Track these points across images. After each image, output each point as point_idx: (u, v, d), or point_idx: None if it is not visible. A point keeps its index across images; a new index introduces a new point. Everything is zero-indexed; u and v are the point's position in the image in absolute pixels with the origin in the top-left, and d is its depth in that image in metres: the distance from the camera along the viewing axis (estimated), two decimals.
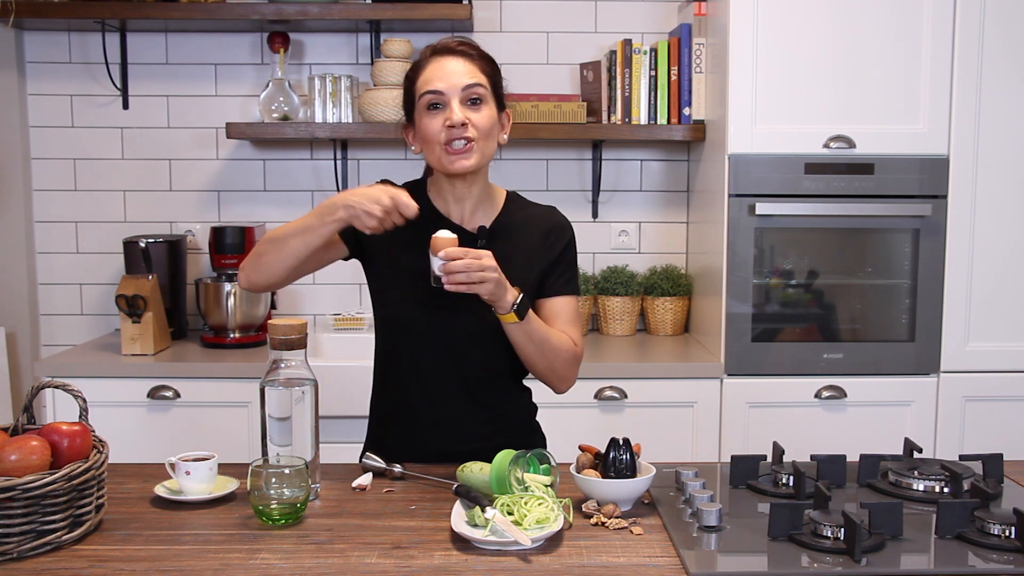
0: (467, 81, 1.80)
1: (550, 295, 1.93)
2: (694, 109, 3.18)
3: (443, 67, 1.81)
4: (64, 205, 3.41)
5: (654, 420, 2.88)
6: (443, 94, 1.80)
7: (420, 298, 1.83)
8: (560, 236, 1.95)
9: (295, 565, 1.40)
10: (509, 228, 1.92)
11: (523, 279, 1.86)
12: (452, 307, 1.82)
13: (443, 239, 1.71)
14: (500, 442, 1.78)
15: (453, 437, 1.90)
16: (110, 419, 2.70)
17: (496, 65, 1.90)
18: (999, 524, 1.49)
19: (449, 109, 1.79)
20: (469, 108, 1.81)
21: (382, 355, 1.97)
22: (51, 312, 3.45)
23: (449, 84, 1.80)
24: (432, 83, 1.80)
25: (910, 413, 2.94)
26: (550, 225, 1.95)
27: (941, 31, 2.85)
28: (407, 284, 1.85)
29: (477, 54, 1.86)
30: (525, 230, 1.93)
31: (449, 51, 1.84)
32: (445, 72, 1.81)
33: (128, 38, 3.34)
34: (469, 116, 1.80)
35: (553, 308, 1.93)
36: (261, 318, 3.19)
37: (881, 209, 2.90)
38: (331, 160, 3.40)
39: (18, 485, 1.39)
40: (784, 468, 1.77)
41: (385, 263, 1.90)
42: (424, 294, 1.81)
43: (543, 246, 1.93)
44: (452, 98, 1.80)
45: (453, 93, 1.80)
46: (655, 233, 3.48)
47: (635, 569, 1.40)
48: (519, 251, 1.90)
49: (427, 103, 1.81)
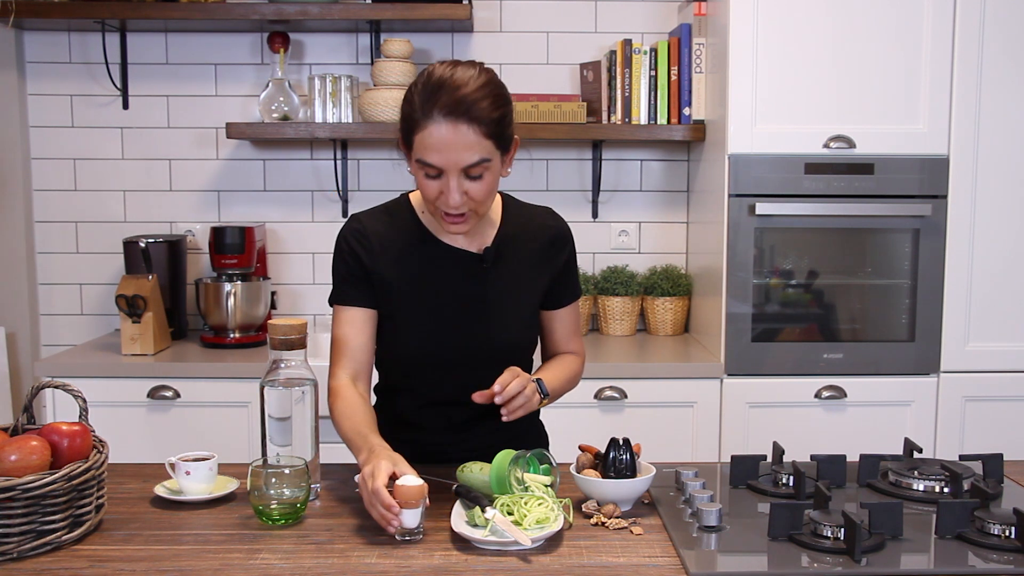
0: (468, 161, 1.64)
1: (557, 308, 1.92)
2: (694, 109, 3.18)
3: (444, 139, 1.62)
4: (64, 205, 3.41)
5: (654, 420, 2.88)
6: (439, 169, 1.65)
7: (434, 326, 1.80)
8: (563, 244, 1.91)
9: (295, 565, 1.41)
10: (510, 242, 1.85)
11: (530, 292, 1.85)
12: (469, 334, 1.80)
13: (409, 488, 1.47)
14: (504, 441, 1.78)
15: (459, 445, 1.87)
16: (110, 419, 2.70)
17: (505, 108, 1.70)
18: (999, 524, 1.49)
19: (447, 188, 1.66)
20: (468, 181, 1.67)
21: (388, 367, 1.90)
22: (51, 312, 3.45)
23: (449, 161, 1.64)
24: (430, 155, 1.64)
25: (910, 413, 2.94)
26: (552, 234, 1.89)
27: (941, 31, 2.85)
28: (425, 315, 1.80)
29: (486, 114, 1.64)
30: (527, 241, 1.86)
31: (454, 115, 1.62)
32: (446, 144, 1.63)
33: (128, 38, 3.34)
34: (467, 188, 1.67)
35: (560, 318, 1.93)
36: (261, 318, 3.19)
37: (881, 209, 2.90)
38: (331, 160, 3.40)
39: (18, 485, 1.39)
40: (784, 468, 1.77)
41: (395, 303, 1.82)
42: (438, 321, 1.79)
43: (548, 257, 1.88)
44: (451, 179, 1.65)
45: (452, 172, 1.65)
46: (655, 233, 3.48)
47: (635, 569, 1.40)
48: (523, 266, 1.86)
49: (424, 171, 1.68)
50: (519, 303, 1.85)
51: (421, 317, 1.79)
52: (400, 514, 1.47)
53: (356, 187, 3.42)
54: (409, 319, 1.81)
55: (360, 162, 3.42)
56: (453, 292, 1.81)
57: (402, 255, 1.81)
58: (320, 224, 3.42)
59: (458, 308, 1.81)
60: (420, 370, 1.84)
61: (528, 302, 1.87)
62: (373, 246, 1.80)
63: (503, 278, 1.83)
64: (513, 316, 1.84)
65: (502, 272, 1.82)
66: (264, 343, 3.09)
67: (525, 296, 1.84)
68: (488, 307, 1.82)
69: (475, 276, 1.82)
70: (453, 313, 1.80)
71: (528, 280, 1.86)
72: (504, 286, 1.83)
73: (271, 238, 3.43)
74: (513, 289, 1.83)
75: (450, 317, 1.80)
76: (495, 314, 1.82)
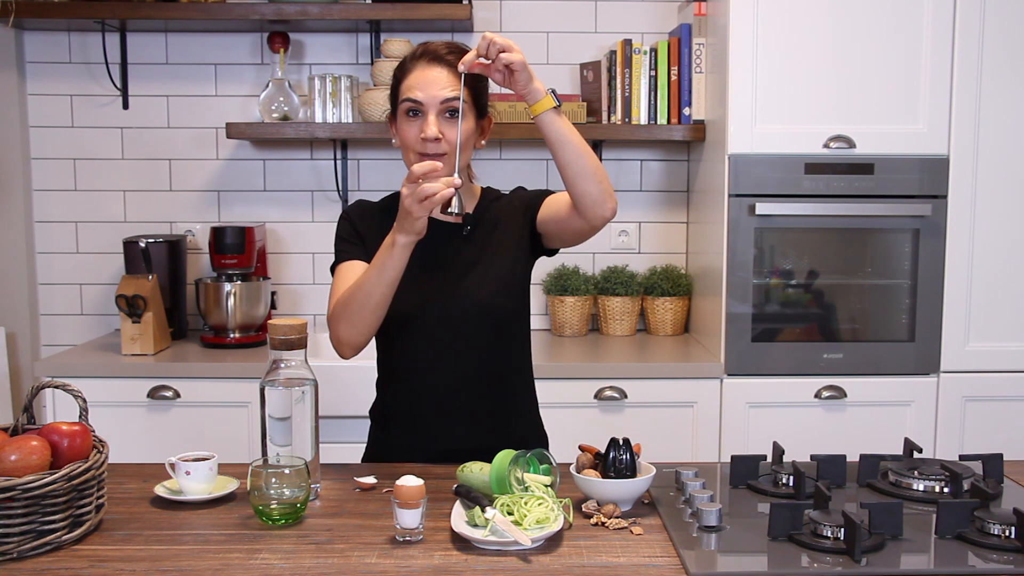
0: (446, 94, 1.82)
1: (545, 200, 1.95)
2: (694, 109, 3.18)
3: (426, 76, 1.84)
4: (64, 205, 3.41)
5: (654, 420, 2.88)
6: (422, 104, 1.82)
7: (416, 289, 1.86)
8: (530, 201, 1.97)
9: (295, 565, 1.41)
10: (489, 216, 1.97)
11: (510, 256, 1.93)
12: (449, 294, 1.88)
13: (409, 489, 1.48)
14: (503, 439, 1.79)
15: (456, 434, 1.90)
16: (110, 419, 2.70)
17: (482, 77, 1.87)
18: (999, 524, 1.49)
19: (426, 121, 1.82)
20: (446, 121, 1.83)
21: (383, 354, 1.98)
22: (51, 312, 3.45)
23: (428, 95, 1.82)
24: (413, 91, 1.83)
25: (910, 413, 2.94)
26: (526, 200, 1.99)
27: (941, 31, 2.85)
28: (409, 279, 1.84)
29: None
30: (504, 213, 1.98)
31: (436, 58, 1.85)
32: (427, 81, 1.83)
33: (128, 38, 3.34)
34: (444, 130, 1.82)
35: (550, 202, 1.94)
36: (261, 318, 3.19)
37: (881, 209, 2.90)
38: (331, 160, 3.40)
39: (18, 485, 1.39)
40: (784, 468, 1.77)
41: None
42: (420, 285, 1.86)
43: (521, 219, 1.96)
44: (430, 110, 1.82)
45: (431, 104, 1.82)
46: (655, 233, 3.48)
47: (635, 569, 1.40)
48: (504, 232, 1.95)
49: (406, 109, 1.85)
50: (500, 266, 1.93)
51: (405, 283, 1.82)
52: (400, 514, 1.48)
53: (356, 187, 3.42)
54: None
55: (360, 162, 3.42)
56: (435, 258, 1.90)
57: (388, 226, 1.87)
58: (320, 224, 3.42)
59: (440, 272, 1.90)
60: (408, 335, 1.89)
61: (508, 266, 1.93)
62: (368, 222, 1.96)
63: (481, 242, 1.94)
64: (493, 278, 1.91)
65: (480, 238, 1.94)
66: (264, 343, 3.09)
67: (505, 260, 1.93)
68: (468, 270, 1.91)
69: (456, 242, 1.93)
70: (435, 277, 1.90)
71: (507, 244, 1.94)
72: (483, 250, 1.93)
73: (271, 238, 3.43)
74: (492, 253, 1.93)
75: (433, 280, 1.89)
76: (475, 276, 1.91)
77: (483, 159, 3.39)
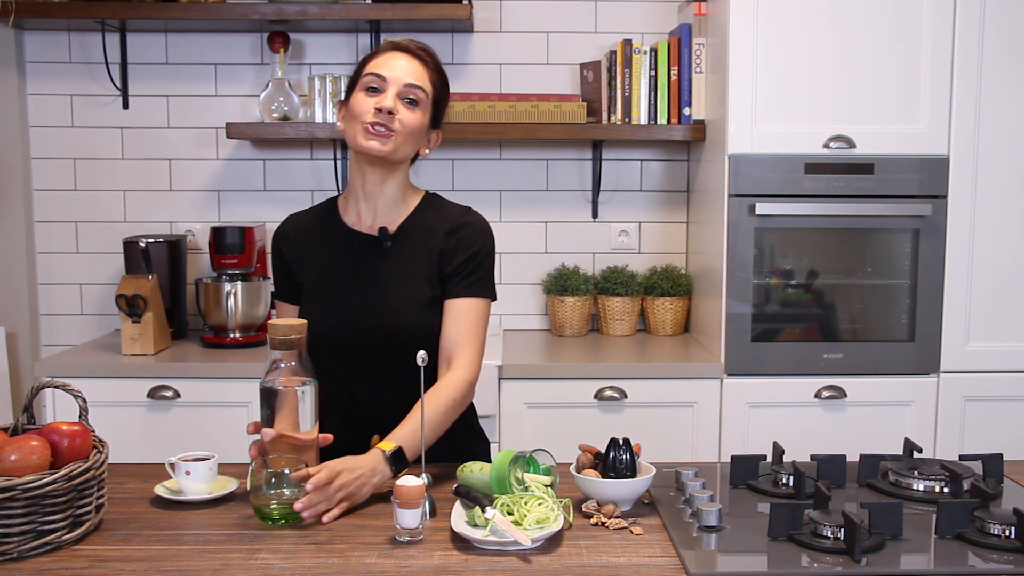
0: (411, 80, 1.83)
1: (451, 297, 1.88)
2: (694, 109, 3.18)
3: (394, 60, 1.85)
4: (64, 205, 3.41)
5: (654, 420, 2.88)
6: (384, 80, 1.82)
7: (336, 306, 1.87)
8: (468, 236, 1.89)
9: (295, 565, 1.41)
10: (415, 231, 1.90)
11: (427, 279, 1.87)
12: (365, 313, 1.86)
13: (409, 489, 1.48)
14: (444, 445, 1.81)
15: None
16: (110, 419, 2.70)
17: (446, 84, 1.93)
18: (999, 524, 1.49)
19: (383, 95, 1.81)
20: (403, 105, 1.83)
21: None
22: (51, 312, 3.45)
23: (393, 75, 1.83)
24: (379, 68, 1.84)
25: (910, 413, 2.94)
26: (457, 224, 1.90)
27: (941, 31, 2.85)
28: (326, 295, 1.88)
29: (433, 64, 1.89)
30: (432, 232, 1.90)
31: (407, 51, 1.87)
32: (394, 64, 1.84)
33: (128, 38, 3.34)
34: (400, 110, 1.82)
35: (454, 310, 1.87)
36: (261, 318, 3.19)
37: (881, 209, 2.90)
38: (331, 160, 3.40)
39: (18, 485, 1.39)
40: (784, 468, 1.77)
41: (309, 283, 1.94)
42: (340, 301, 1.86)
43: (446, 246, 1.88)
44: (391, 88, 1.82)
45: (394, 84, 1.82)
46: (655, 233, 3.48)
47: (635, 569, 1.40)
48: (421, 253, 1.88)
49: (367, 84, 1.83)
50: (415, 288, 1.87)
51: (323, 293, 1.83)
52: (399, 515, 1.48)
53: None
54: (313, 295, 1.91)
55: None
56: (352, 271, 1.89)
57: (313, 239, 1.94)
58: None
59: (355, 287, 1.88)
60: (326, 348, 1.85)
61: (424, 289, 1.87)
62: (291, 238, 1.98)
63: (401, 261, 1.88)
64: (407, 299, 1.86)
65: (401, 255, 1.88)
66: (264, 343, 3.09)
67: (421, 282, 1.87)
68: (383, 288, 1.87)
69: (373, 257, 1.89)
70: (351, 292, 1.88)
71: (426, 265, 1.88)
72: (401, 269, 1.88)
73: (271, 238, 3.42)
74: (410, 273, 1.88)
75: (348, 295, 1.88)
76: (389, 295, 1.87)
77: (483, 159, 3.39)
